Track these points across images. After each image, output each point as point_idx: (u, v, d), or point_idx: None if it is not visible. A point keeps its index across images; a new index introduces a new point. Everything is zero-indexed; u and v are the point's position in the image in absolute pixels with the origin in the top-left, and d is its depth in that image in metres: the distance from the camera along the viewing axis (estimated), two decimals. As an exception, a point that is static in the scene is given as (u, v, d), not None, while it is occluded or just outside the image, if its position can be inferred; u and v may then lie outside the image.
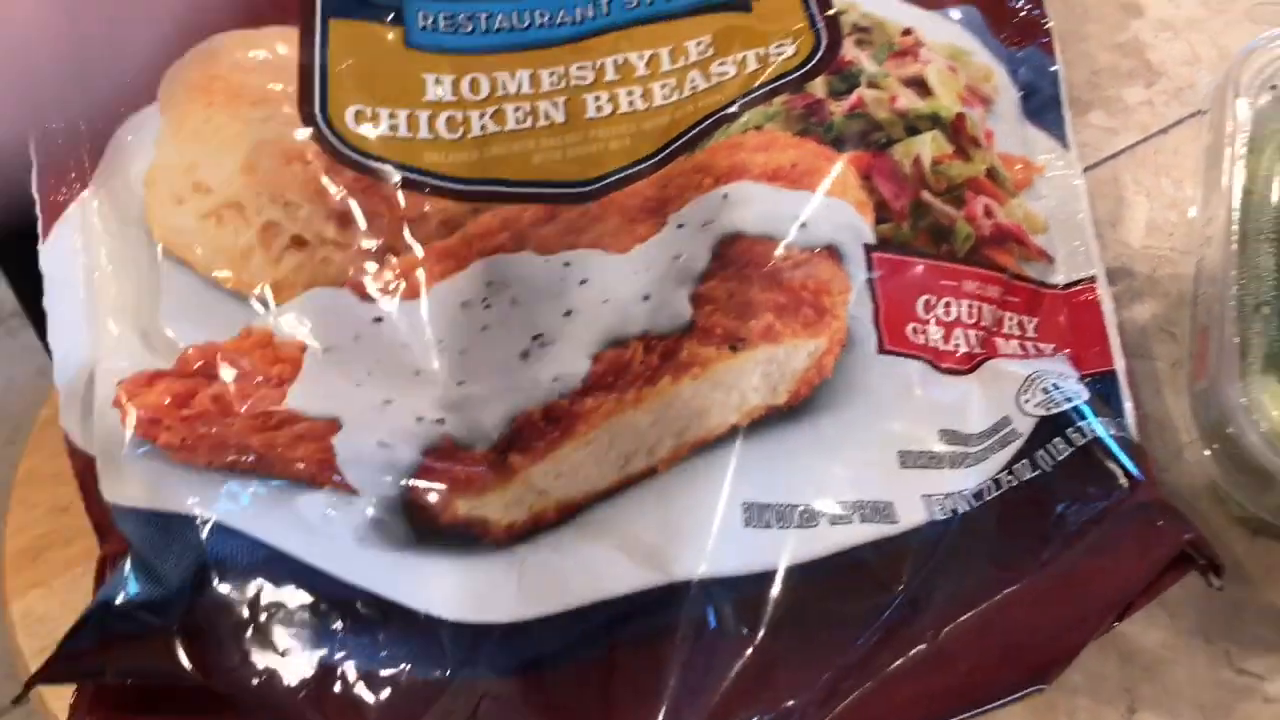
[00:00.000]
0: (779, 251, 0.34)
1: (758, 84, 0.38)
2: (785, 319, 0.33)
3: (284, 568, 0.31)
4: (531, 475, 0.33)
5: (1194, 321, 0.33)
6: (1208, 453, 0.32)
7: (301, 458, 0.33)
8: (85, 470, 0.33)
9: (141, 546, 0.31)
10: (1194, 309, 0.33)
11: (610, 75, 0.38)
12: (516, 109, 0.38)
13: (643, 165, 0.37)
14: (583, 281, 0.35)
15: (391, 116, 0.37)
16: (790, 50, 0.39)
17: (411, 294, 0.35)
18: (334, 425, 0.33)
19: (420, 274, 0.35)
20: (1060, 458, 0.32)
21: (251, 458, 0.32)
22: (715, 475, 0.32)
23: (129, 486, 0.32)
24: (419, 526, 0.33)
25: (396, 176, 0.36)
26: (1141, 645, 0.33)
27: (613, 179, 0.36)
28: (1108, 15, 0.45)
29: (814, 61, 0.39)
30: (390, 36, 0.38)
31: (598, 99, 0.38)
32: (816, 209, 0.35)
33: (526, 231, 0.35)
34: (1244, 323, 0.32)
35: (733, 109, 0.37)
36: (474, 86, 0.38)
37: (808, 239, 0.34)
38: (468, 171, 0.36)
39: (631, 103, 0.38)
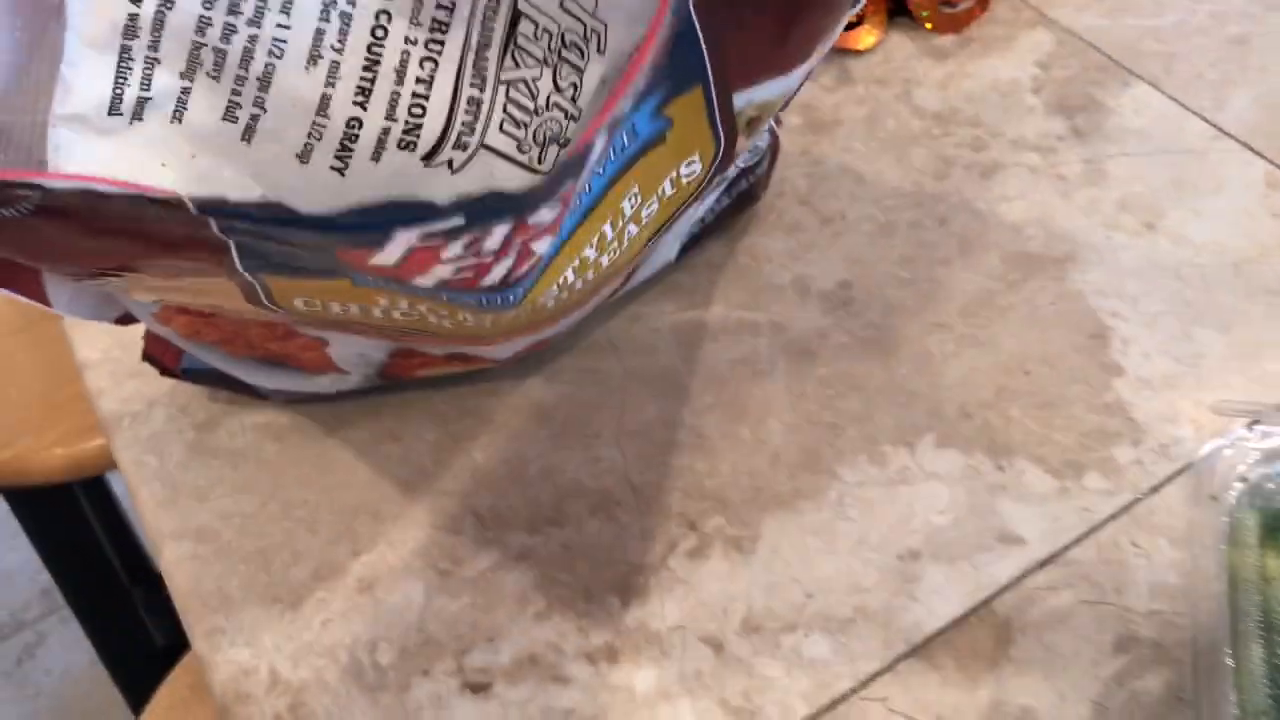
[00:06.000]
0: None
1: (673, 213, 0.42)
2: None
3: None
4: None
5: (1198, 725, 0.35)
6: None
7: (311, 360, 0.46)
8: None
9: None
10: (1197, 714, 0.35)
11: (570, 279, 0.41)
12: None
13: None
14: None
15: (342, 308, 0.40)
16: (696, 168, 0.42)
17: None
18: (323, 342, 0.46)
19: None
20: None
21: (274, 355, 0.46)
22: None
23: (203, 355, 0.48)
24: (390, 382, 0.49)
25: None
26: None
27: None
28: (1090, 376, 0.49)
29: (712, 169, 0.42)
30: (335, 283, 0.39)
31: (558, 296, 0.41)
32: None
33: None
34: (1244, 729, 0.34)
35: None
36: (433, 309, 0.40)
37: None
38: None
39: (584, 281, 0.42)
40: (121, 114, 0.34)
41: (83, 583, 1.02)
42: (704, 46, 0.39)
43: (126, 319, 0.46)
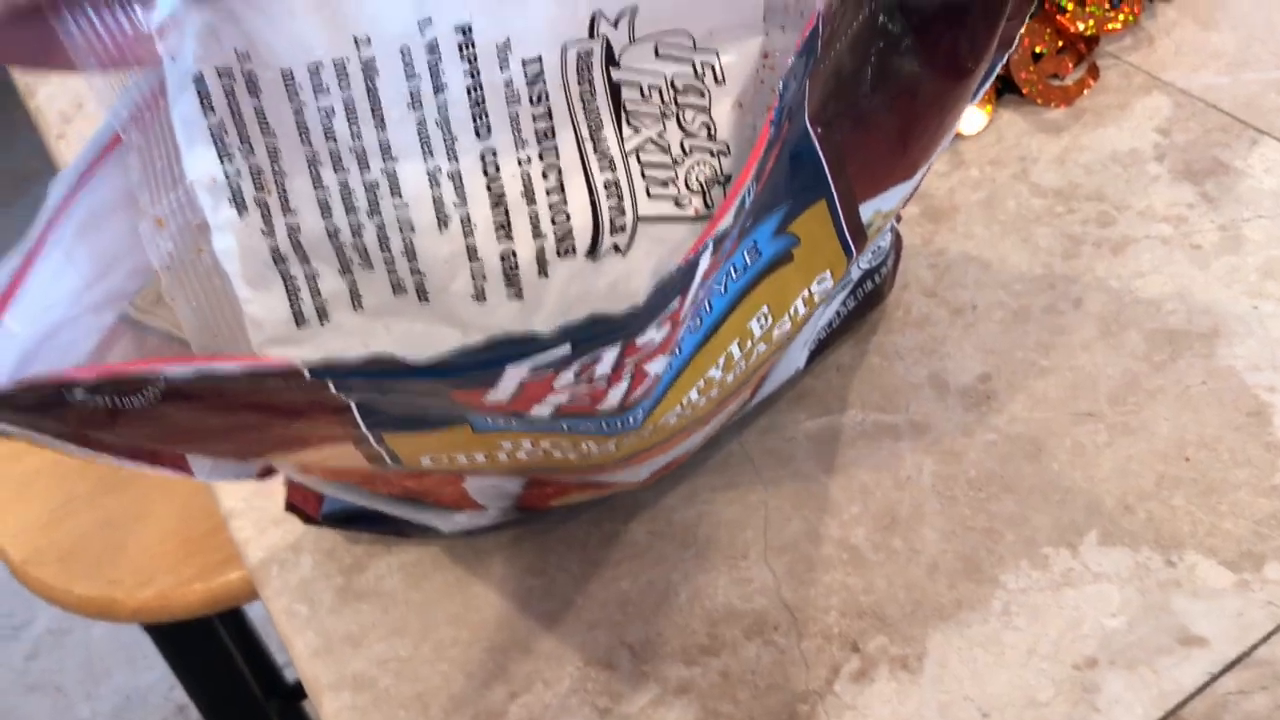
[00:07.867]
0: None
1: (802, 326, 0.42)
2: None
3: None
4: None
5: None
6: None
7: (448, 495, 0.45)
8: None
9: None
10: None
11: (694, 397, 0.40)
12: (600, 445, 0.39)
13: None
14: None
15: (468, 458, 0.39)
16: (828, 284, 0.41)
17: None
18: (459, 476, 0.43)
19: None
20: None
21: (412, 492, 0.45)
22: None
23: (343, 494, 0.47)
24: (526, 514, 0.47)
25: None
26: None
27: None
28: (1255, 457, 0.47)
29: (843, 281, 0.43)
30: (456, 432, 0.38)
31: (681, 414, 0.40)
32: None
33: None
34: None
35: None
36: (555, 443, 0.39)
37: None
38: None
39: (708, 399, 0.41)
40: (308, 322, 0.35)
41: (219, 702, 1.03)
42: (824, 161, 0.38)
43: (267, 471, 0.47)
